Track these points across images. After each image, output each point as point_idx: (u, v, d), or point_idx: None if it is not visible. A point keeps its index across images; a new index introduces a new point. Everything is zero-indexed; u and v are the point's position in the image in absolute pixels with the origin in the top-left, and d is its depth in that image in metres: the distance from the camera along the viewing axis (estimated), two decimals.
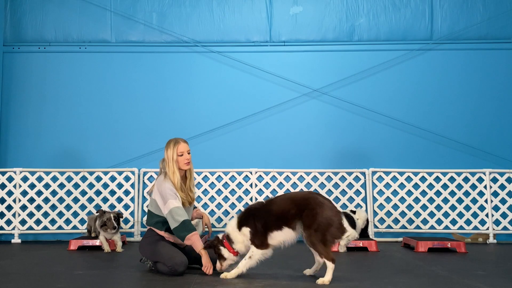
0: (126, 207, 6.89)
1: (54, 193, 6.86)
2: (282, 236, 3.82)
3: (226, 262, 3.99)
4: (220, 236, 4.02)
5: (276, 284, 3.70)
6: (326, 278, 3.70)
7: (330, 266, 3.71)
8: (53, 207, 6.83)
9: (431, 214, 6.87)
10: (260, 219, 3.86)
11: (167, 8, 7.36)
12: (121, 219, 5.89)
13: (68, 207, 6.83)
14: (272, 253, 3.91)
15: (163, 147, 4.33)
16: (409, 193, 6.93)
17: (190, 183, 4.33)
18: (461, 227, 6.86)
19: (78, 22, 7.33)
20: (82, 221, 6.74)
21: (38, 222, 6.79)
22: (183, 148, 4.26)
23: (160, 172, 4.34)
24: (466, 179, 6.91)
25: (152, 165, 6.99)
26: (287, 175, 6.96)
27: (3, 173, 6.81)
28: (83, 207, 6.86)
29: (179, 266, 4.00)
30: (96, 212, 6.18)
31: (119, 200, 6.88)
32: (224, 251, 3.96)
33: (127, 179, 6.93)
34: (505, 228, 6.83)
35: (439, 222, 6.86)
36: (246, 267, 3.88)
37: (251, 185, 6.92)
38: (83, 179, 6.89)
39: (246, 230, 3.89)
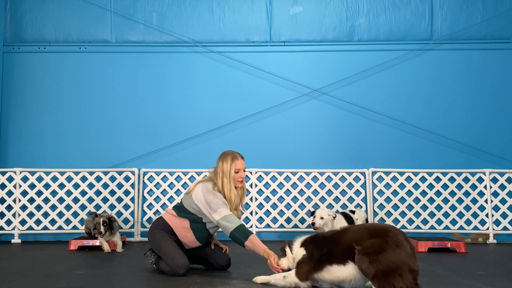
0: (126, 207, 6.89)
1: (54, 193, 6.86)
2: (343, 273, 3.26)
3: (286, 262, 3.64)
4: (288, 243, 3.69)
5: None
6: None
7: None
8: (53, 207, 6.83)
9: (431, 214, 6.87)
10: (322, 247, 3.38)
11: (167, 8, 7.36)
12: (114, 222, 5.87)
13: (68, 207, 6.83)
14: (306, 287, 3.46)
15: (163, 147, 4.30)
16: (409, 193, 6.93)
17: (242, 201, 4.17)
18: (461, 227, 6.86)
19: (78, 22, 7.33)
20: (82, 221, 6.73)
21: (38, 222, 6.79)
22: (240, 165, 4.07)
23: (210, 179, 4.13)
24: (466, 179, 6.91)
25: (152, 165, 6.99)
26: (287, 175, 6.96)
27: (3, 173, 6.81)
28: (83, 207, 6.85)
29: (180, 268, 3.99)
30: (90, 214, 6.19)
31: (119, 200, 6.88)
32: (289, 253, 3.62)
33: (127, 179, 6.93)
34: (505, 228, 6.83)
35: (439, 222, 6.86)
36: (275, 281, 3.56)
37: (251, 185, 6.92)
38: (83, 179, 6.89)
39: (300, 252, 3.51)
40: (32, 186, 6.84)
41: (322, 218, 5.46)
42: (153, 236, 4.19)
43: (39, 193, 6.83)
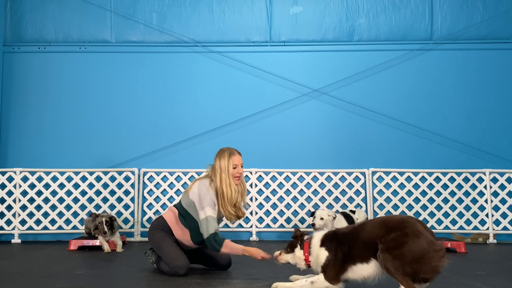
0: (126, 207, 6.89)
1: (54, 193, 6.86)
2: (367, 271, 3.17)
3: (289, 259, 3.55)
4: (306, 237, 3.53)
5: None
6: None
7: None
8: (53, 207, 6.83)
9: (431, 214, 6.87)
10: (343, 245, 3.26)
11: (167, 8, 7.36)
12: (114, 222, 5.89)
13: (68, 207, 6.83)
14: None
15: (163, 147, 4.30)
16: (409, 193, 6.93)
17: (244, 197, 4.17)
18: (461, 227, 6.86)
19: (78, 22, 7.33)
20: (82, 221, 6.73)
21: (38, 222, 6.79)
22: (238, 160, 4.07)
23: (207, 176, 4.15)
24: (466, 179, 6.91)
25: (152, 165, 6.99)
26: (287, 175, 6.95)
27: (3, 173, 6.81)
28: (83, 207, 6.86)
29: (180, 269, 3.99)
30: (90, 215, 6.18)
31: (119, 200, 6.88)
32: (298, 251, 3.50)
33: (127, 179, 6.93)
34: (505, 228, 6.83)
35: (439, 222, 6.86)
36: None
37: (251, 185, 6.92)
38: (83, 179, 6.89)
39: (322, 252, 3.35)
40: (32, 186, 6.84)
41: (322, 218, 5.46)
42: (153, 236, 4.20)
43: (39, 193, 6.83)
